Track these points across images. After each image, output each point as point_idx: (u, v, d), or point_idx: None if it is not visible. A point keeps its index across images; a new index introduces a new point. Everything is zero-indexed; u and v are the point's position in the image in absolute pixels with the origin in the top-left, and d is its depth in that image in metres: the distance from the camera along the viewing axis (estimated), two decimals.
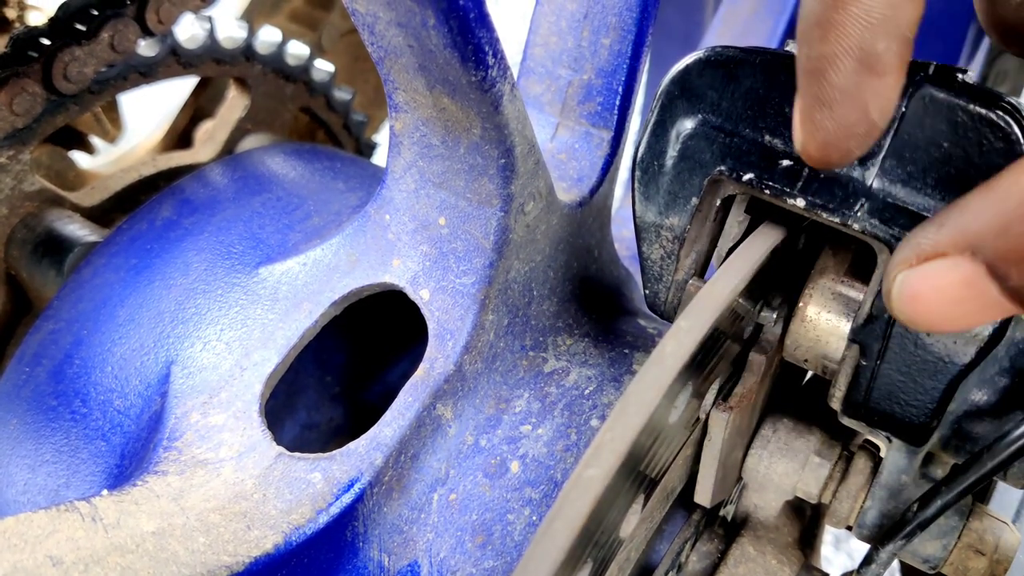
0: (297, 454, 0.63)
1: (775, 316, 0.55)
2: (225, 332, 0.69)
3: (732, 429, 0.54)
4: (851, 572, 0.60)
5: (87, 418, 0.70)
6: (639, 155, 0.58)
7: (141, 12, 0.79)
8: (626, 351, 0.72)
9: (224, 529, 0.58)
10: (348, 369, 1.01)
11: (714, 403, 0.54)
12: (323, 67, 1.04)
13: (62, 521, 0.55)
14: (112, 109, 0.96)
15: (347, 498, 0.61)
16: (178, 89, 1.05)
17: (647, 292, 0.62)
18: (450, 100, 0.58)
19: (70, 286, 0.77)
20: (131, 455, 0.68)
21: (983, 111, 0.46)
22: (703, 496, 0.59)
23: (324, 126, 1.09)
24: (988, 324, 0.49)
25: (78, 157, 0.96)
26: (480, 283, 0.65)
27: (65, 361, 0.73)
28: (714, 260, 0.61)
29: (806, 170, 0.51)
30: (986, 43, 1.52)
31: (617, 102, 0.73)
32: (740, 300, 0.50)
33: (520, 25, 0.89)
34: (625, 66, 0.73)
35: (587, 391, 0.68)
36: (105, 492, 0.59)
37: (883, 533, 0.58)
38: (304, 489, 0.61)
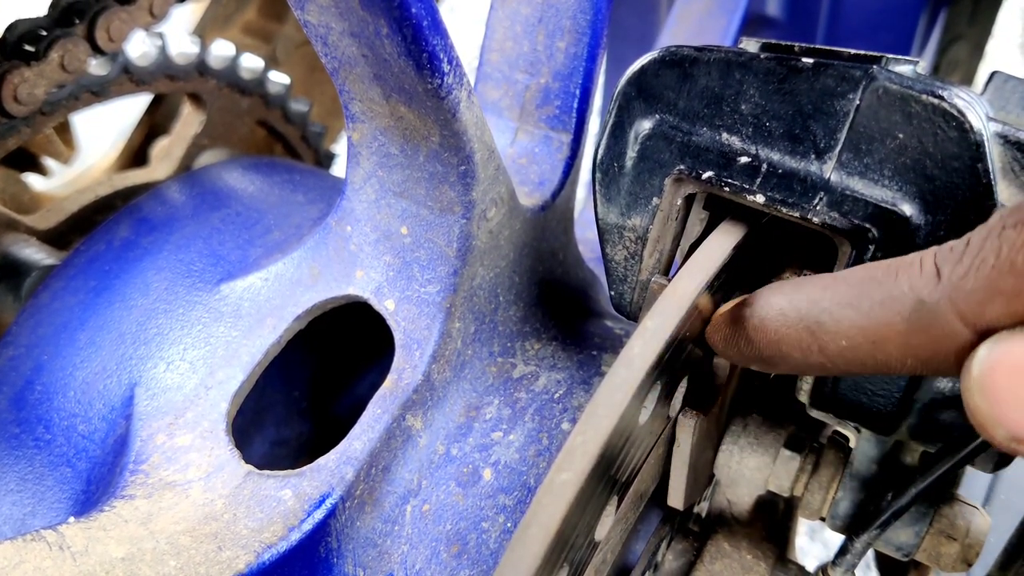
0: (267, 471, 0.62)
1: None
2: (188, 351, 0.69)
3: (700, 434, 0.54)
4: (827, 563, 0.61)
5: (51, 444, 0.69)
6: (599, 157, 0.58)
7: (91, 31, 0.78)
8: (594, 353, 0.72)
9: (195, 551, 0.58)
10: (316, 383, 1.01)
11: (682, 407, 0.54)
12: (278, 79, 1.03)
13: (29, 551, 0.54)
14: (65, 129, 0.94)
15: (319, 514, 0.60)
16: (132, 107, 1.04)
17: (613, 293, 0.62)
18: (407, 109, 0.58)
19: (28, 311, 0.75)
20: (97, 480, 0.66)
21: (936, 101, 0.46)
22: (675, 500, 0.59)
23: (281, 139, 1.08)
24: None
25: (32, 179, 0.95)
26: (445, 291, 0.65)
27: (26, 387, 0.72)
28: (678, 258, 0.61)
29: (764, 166, 0.52)
30: (936, 34, 1.54)
31: (575, 105, 0.73)
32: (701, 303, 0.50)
33: (475, 31, 0.89)
34: (581, 68, 0.73)
35: (557, 395, 0.68)
36: (72, 519, 0.58)
37: (857, 523, 0.58)
38: (275, 507, 0.60)
